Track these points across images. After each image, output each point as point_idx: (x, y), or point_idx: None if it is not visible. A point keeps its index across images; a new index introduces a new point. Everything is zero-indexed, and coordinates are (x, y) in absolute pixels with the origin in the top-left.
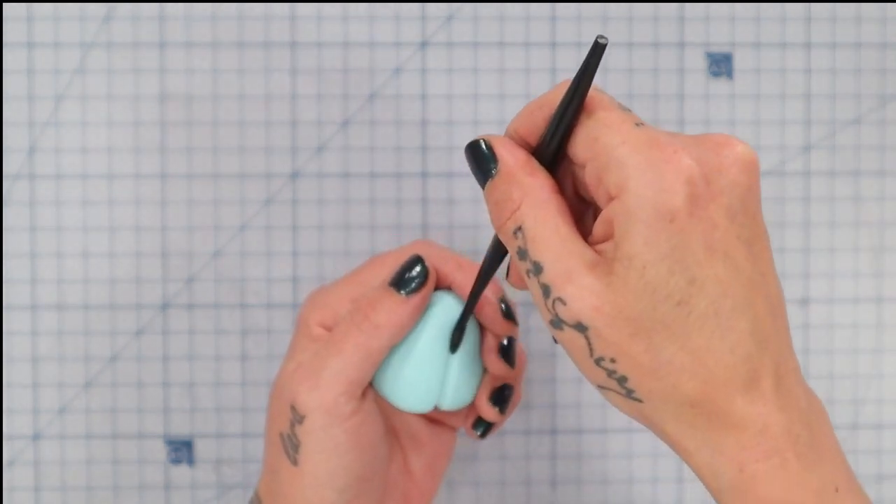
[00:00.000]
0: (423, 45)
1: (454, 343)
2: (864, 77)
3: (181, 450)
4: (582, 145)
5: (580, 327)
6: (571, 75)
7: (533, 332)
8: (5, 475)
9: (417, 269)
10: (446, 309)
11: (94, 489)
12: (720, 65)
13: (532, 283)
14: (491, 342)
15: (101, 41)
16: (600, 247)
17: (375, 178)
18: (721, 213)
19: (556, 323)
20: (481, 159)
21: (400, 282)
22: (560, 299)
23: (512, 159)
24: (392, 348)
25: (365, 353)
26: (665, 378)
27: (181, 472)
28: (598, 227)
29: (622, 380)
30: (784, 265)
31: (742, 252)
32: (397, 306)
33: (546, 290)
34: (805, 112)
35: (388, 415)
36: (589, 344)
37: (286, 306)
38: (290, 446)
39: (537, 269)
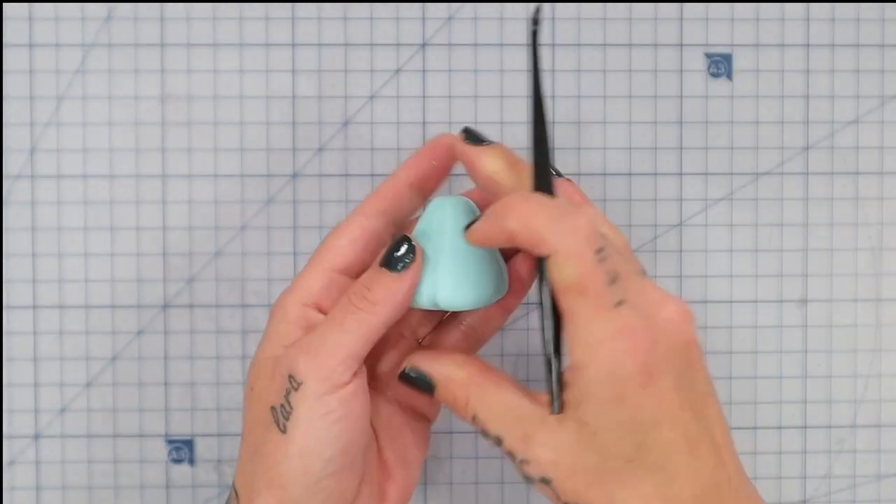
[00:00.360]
0: (423, 45)
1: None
2: (863, 77)
3: (182, 449)
4: (563, 306)
5: (545, 480)
6: (571, 75)
7: (533, 332)
8: (5, 475)
9: (405, 247)
10: (460, 207)
11: (95, 489)
12: (720, 65)
13: (501, 451)
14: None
15: (101, 41)
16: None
17: (375, 178)
18: (669, 390)
19: (527, 479)
20: (419, 383)
21: (390, 261)
22: (524, 461)
23: (441, 368)
24: (436, 260)
25: (364, 329)
26: None
27: (182, 472)
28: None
29: None
30: (783, 265)
31: (687, 415)
32: (392, 283)
33: (512, 455)
34: (804, 112)
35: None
36: (556, 493)
37: None
38: (282, 415)
39: (498, 441)
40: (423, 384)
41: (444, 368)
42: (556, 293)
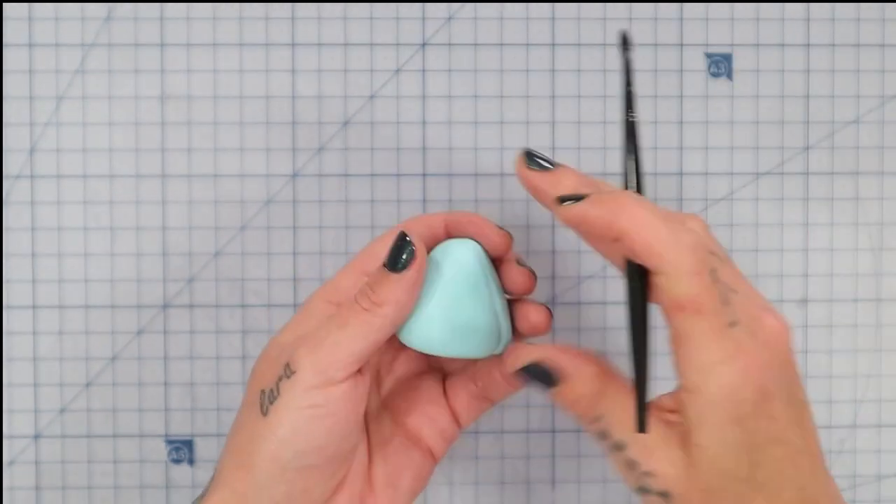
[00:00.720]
0: (423, 45)
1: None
2: (863, 77)
3: (181, 449)
4: (675, 324)
5: (664, 494)
6: (571, 75)
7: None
8: (6, 475)
9: (404, 246)
10: (466, 254)
11: (95, 489)
12: (720, 65)
13: (615, 457)
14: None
15: (101, 41)
16: (671, 417)
17: (375, 178)
18: (780, 408)
19: (643, 490)
20: (544, 379)
21: (391, 261)
22: (648, 473)
23: (571, 362)
24: (435, 306)
25: (368, 328)
26: None
27: (181, 472)
28: (667, 401)
29: None
30: (784, 265)
31: (794, 432)
32: (394, 284)
33: (632, 465)
34: (804, 112)
35: (365, 414)
36: None
37: (286, 306)
38: (269, 399)
39: (620, 446)
40: (546, 378)
41: (573, 361)
42: (666, 310)
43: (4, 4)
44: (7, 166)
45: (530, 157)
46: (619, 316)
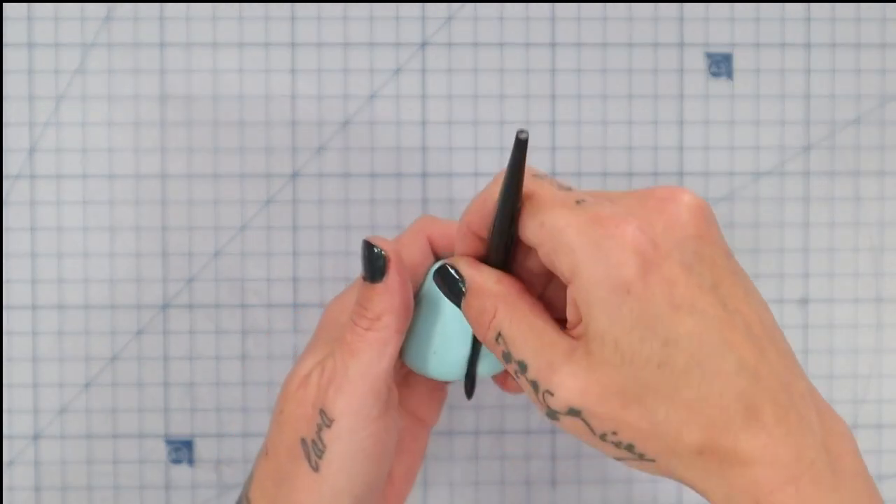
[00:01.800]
0: (423, 45)
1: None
2: (863, 77)
3: (181, 450)
4: (530, 231)
5: (573, 412)
6: (571, 75)
7: None
8: (5, 475)
9: (373, 253)
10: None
11: (95, 489)
12: (720, 65)
13: (522, 381)
14: None
15: (101, 41)
16: (577, 330)
17: (375, 178)
18: (676, 270)
19: (552, 414)
20: (451, 282)
21: (369, 273)
22: (548, 391)
23: (478, 275)
24: (422, 330)
25: (378, 346)
26: (667, 436)
27: (181, 472)
28: (570, 311)
29: (630, 447)
30: (784, 265)
31: (708, 299)
32: (381, 293)
33: (535, 386)
34: (805, 112)
35: None
36: (587, 424)
37: (286, 306)
38: (314, 451)
39: (522, 367)
40: (454, 286)
41: (479, 276)
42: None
43: (4, 4)
44: (7, 166)
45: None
46: None
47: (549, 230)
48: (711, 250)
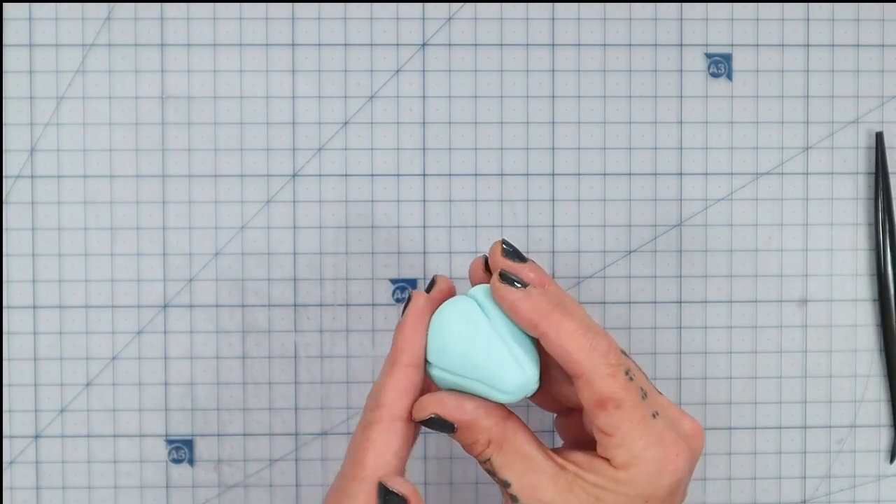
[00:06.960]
0: (423, 45)
1: None
2: (863, 77)
3: (181, 449)
4: (601, 421)
5: None
6: (571, 75)
7: None
8: (6, 475)
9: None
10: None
11: (95, 489)
12: (719, 65)
13: (502, 491)
14: None
15: (101, 42)
16: (570, 466)
17: (375, 178)
18: (677, 501)
19: None
20: (444, 427)
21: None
22: None
23: (464, 416)
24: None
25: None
26: None
27: (181, 472)
28: (580, 458)
29: None
30: (783, 265)
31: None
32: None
33: (515, 500)
34: (804, 112)
35: None
36: None
37: (286, 306)
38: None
39: (506, 484)
40: (445, 427)
41: (467, 416)
42: (589, 410)
43: (4, 4)
44: (7, 166)
45: (504, 277)
46: (618, 315)
47: (622, 434)
48: (683, 490)
